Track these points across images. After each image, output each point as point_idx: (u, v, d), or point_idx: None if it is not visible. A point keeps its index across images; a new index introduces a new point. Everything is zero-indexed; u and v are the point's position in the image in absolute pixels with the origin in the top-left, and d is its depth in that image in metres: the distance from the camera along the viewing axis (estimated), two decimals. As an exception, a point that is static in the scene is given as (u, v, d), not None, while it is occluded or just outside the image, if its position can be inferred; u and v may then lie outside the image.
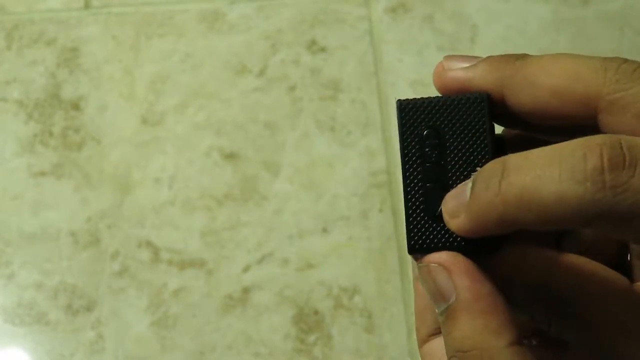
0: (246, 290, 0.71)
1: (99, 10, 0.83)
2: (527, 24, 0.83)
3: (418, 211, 0.25)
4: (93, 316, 0.70)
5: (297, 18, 0.83)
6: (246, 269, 0.72)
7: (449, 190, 0.25)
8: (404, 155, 0.25)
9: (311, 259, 0.72)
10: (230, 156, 0.77)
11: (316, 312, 0.70)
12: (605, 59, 0.24)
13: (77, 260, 0.72)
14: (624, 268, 0.27)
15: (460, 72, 0.26)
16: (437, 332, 0.28)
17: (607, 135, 0.22)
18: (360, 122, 0.78)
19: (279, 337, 0.70)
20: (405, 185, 0.25)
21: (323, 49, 0.81)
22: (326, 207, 0.74)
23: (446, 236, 0.25)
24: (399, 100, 0.26)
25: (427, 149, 0.25)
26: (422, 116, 0.25)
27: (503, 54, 0.26)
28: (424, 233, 0.25)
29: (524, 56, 0.25)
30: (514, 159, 0.23)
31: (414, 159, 0.25)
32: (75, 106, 0.79)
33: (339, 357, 0.69)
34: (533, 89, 0.25)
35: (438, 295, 0.24)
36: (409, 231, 0.25)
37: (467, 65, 0.26)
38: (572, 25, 0.83)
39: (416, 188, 0.25)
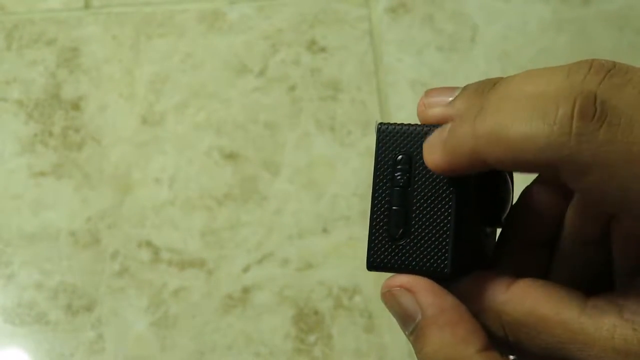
0: (246, 290, 0.71)
1: (99, 10, 0.83)
2: (527, 23, 0.83)
3: (381, 231, 0.26)
4: (93, 316, 0.70)
5: (297, 18, 0.83)
6: (246, 269, 0.72)
7: (410, 216, 0.26)
8: (376, 176, 0.26)
9: (311, 259, 0.72)
10: (230, 156, 0.77)
11: (316, 312, 0.70)
12: (571, 68, 0.24)
13: (77, 260, 0.72)
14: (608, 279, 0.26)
15: (439, 110, 0.26)
16: None
17: (585, 84, 0.22)
18: (360, 122, 0.78)
19: (279, 337, 0.70)
20: (373, 205, 0.26)
21: (323, 49, 0.81)
22: (326, 207, 0.74)
23: (403, 258, 0.26)
24: (379, 123, 0.27)
25: (397, 174, 0.26)
26: (399, 142, 0.26)
27: (481, 80, 0.26)
28: (383, 252, 0.26)
29: (496, 83, 0.25)
30: (493, 99, 0.24)
31: (384, 181, 0.26)
32: (75, 106, 0.79)
33: (339, 357, 0.69)
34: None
35: (405, 317, 0.25)
36: (369, 249, 0.26)
37: (447, 99, 0.26)
38: (572, 25, 0.83)
39: (382, 209, 0.26)
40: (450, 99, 0.26)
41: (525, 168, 0.23)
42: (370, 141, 0.77)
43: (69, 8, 0.83)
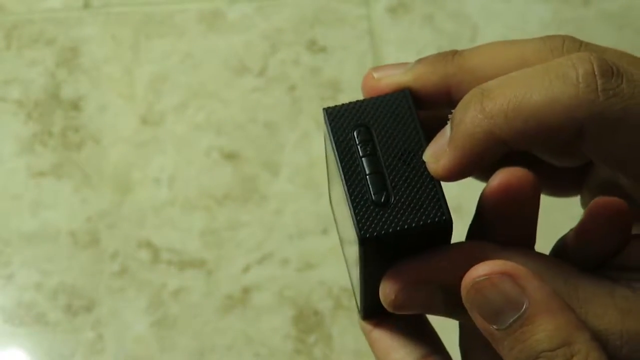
0: (246, 291, 0.71)
1: (99, 10, 0.83)
2: (527, 23, 0.83)
3: (363, 201, 0.24)
4: (93, 316, 0.70)
5: (297, 18, 0.83)
6: (246, 269, 0.72)
7: (388, 179, 0.24)
8: (340, 154, 0.25)
9: (311, 259, 0.72)
10: (230, 156, 0.76)
11: (316, 313, 0.70)
12: (544, 39, 0.24)
13: (77, 260, 0.72)
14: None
15: (395, 78, 0.25)
16: None
17: (590, 52, 0.22)
18: (360, 122, 0.78)
19: (279, 338, 0.70)
20: (347, 180, 0.25)
21: (323, 49, 0.81)
22: (326, 207, 0.74)
23: (396, 220, 0.24)
24: (324, 108, 0.26)
25: (360, 144, 0.25)
26: (350, 117, 0.25)
27: (434, 53, 0.25)
28: (374, 221, 0.24)
29: (459, 52, 0.25)
30: (492, 82, 0.23)
31: (350, 155, 0.25)
32: (75, 106, 0.79)
33: (339, 358, 0.69)
34: (482, 82, 0.24)
35: (507, 306, 0.22)
36: (358, 222, 0.24)
37: (401, 70, 0.25)
38: (572, 25, 0.83)
39: (357, 181, 0.25)
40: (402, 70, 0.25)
41: (548, 137, 0.22)
42: (370, 141, 0.77)
43: (68, 8, 0.83)
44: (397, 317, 0.27)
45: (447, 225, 0.24)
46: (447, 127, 0.24)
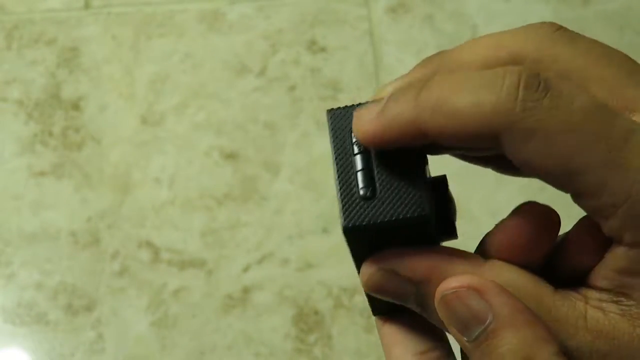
0: (246, 290, 0.71)
1: (99, 10, 0.83)
2: (527, 23, 0.83)
3: (350, 194, 0.26)
4: (93, 316, 0.70)
5: (297, 18, 0.83)
6: (246, 268, 0.72)
7: (375, 175, 0.26)
8: (336, 150, 0.26)
9: (311, 259, 0.72)
10: (230, 156, 0.77)
11: (316, 312, 0.70)
12: (525, 27, 0.25)
13: (77, 260, 0.72)
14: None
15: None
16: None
17: (526, 66, 0.24)
18: (360, 122, 0.78)
19: (279, 337, 0.70)
20: (339, 174, 0.26)
21: (323, 49, 0.81)
22: (326, 207, 0.74)
23: (377, 213, 0.25)
24: (328, 110, 0.27)
25: (355, 143, 0.26)
26: (349, 118, 0.27)
27: (408, 84, 0.26)
28: (357, 212, 0.25)
29: (437, 55, 0.26)
30: (437, 77, 0.24)
31: (344, 152, 0.26)
32: (75, 106, 0.79)
33: (339, 357, 0.69)
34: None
35: (472, 320, 0.23)
36: (344, 212, 0.25)
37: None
38: (572, 25, 0.82)
39: (348, 175, 0.26)
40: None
41: (467, 138, 0.23)
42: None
43: (69, 8, 0.83)
44: (405, 313, 0.28)
45: (424, 220, 0.25)
46: (384, 100, 0.25)
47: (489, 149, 0.24)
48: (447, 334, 0.28)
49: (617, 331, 0.23)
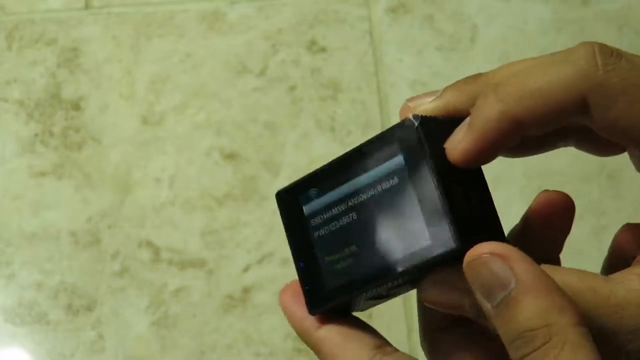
0: (246, 290, 0.72)
1: (99, 10, 0.83)
2: (527, 24, 0.83)
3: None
4: (93, 316, 0.70)
5: (297, 18, 0.83)
6: (246, 268, 0.72)
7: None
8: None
9: (311, 258, 0.72)
10: (230, 156, 0.77)
11: (316, 312, 0.70)
12: (571, 49, 0.26)
13: (78, 260, 0.72)
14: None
15: (429, 105, 0.27)
16: (443, 327, 0.29)
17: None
18: (360, 122, 0.78)
19: (279, 337, 0.70)
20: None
21: (323, 49, 0.81)
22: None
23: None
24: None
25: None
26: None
27: (460, 79, 0.27)
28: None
29: (483, 73, 0.27)
30: (500, 74, 0.26)
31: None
32: (76, 106, 0.79)
33: (339, 357, 0.69)
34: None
35: (495, 285, 0.23)
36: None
37: (432, 97, 0.27)
38: (572, 25, 0.83)
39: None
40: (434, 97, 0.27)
41: (558, 113, 0.25)
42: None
43: (69, 8, 0.83)
44: (344, 316, 0.30)
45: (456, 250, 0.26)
46: (466, 120, 0.26)
47: (575, 121, 0.25)
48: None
49: None
